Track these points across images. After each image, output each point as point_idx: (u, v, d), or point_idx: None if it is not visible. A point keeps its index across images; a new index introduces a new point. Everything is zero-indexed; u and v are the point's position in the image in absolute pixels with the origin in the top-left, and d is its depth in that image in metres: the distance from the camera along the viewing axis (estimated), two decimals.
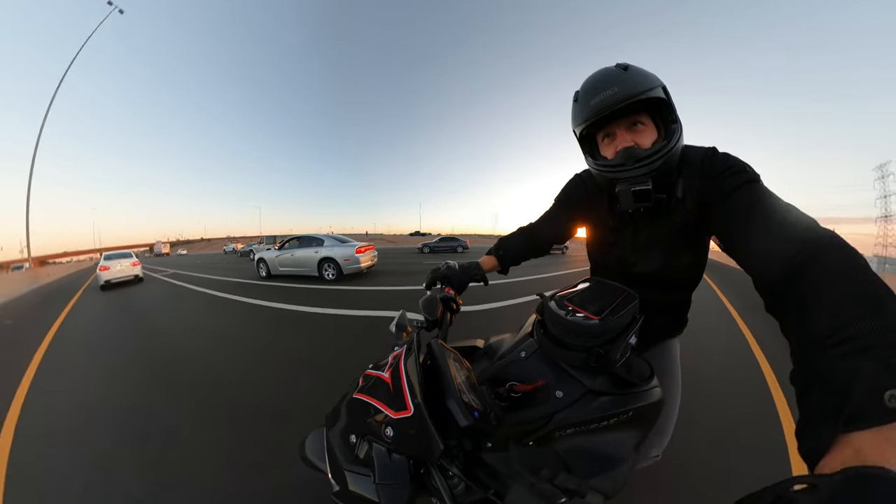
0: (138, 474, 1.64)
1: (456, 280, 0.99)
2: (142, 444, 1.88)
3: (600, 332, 0.58)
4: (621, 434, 0.61)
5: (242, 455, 1.74)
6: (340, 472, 0.61)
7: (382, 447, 0.55)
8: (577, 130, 0.83)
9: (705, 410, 2.01)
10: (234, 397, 2.36)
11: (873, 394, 0.34)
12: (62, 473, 1.68)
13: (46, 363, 3.37)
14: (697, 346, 3.15)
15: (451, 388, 0.55)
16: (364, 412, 0.61)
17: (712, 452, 1.67)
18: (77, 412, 2.29)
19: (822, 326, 0.42)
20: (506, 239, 1.13)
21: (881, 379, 0.34)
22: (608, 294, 0.68)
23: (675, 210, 0.76)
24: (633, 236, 0.87)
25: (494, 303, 5.02)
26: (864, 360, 0.36)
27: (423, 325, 0.83)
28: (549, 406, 0.61)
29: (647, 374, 0.66)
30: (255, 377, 2.70)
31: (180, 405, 2.30)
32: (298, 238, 9.29)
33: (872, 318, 0.38)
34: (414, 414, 0.53)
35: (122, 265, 10.14)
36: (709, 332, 3.73)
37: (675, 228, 0.79)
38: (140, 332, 4.34)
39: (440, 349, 0.64)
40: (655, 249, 0.84)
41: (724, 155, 0.72)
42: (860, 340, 0.37)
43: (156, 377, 2.81)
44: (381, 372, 0.65)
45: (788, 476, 0.32)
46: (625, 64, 0.74)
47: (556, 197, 1.05)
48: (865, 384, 0.35)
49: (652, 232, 0.83)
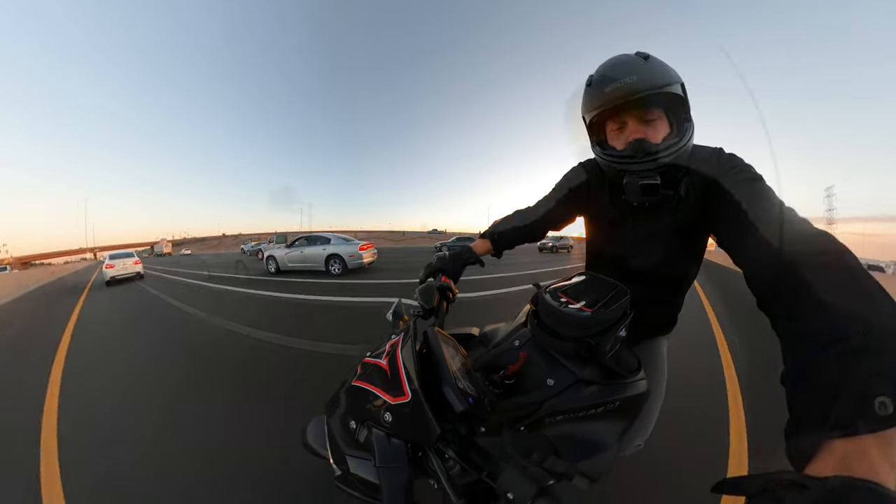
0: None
1: (450, 268, 0.98)
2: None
3: (592, 323, 0.60)
4: (608, 422, 0.64)
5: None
6: (342, 457, 0.63)
7: (381, 432, 0.57)
8: (587, 117, 0.81)
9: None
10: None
11: (864, 400, 0.33)
12: None
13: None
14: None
15: (447, 374, 0.57)
16: (363, 399, 0.62)
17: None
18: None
19: (813, 326, 0.41)
20: (500, 222, 1.10)
21: (871, 384, 0.33)
22: (601, 288, 0.70)
23: (678, 208, 0.76)
24: (632, 231, 0.87)
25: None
26: (855, 364, 0.35)
27: (419, 313, 0.84)
28: (541, 393, 0.63)
29: (635, 367, 0.69)
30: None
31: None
32: (307, 237, 10.61)
33: (865, 319, 0.37)
34: (411, 400, 0.54)
35: (125, 264, 11.66)
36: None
37: (675, 226, 0.79)
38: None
39: (436, 337, 0.66)
40: (653, 245, 0.84)
41: (730, 155, 0.71)
42: (851, 342, 0.36)
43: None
44: (379, 360, 0.66)
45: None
46: (645, 53, 0.71)
47: (557, 184, 1.02)
48: (856, 389, 0.34)
49: (651, 228, 0.83)
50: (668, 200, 0.75)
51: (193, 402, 2.32)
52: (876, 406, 0.32)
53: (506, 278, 6.91)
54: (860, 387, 0.34)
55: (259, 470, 1.60)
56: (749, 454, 1.64)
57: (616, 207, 0.87)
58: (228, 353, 3.29)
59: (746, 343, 3.21)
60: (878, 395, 0.32)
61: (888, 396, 0.32)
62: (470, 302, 5.00)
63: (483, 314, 4.31)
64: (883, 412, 0.32)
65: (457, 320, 0.91)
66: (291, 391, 2.40)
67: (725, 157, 0.71)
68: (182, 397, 2.40)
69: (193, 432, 1.95)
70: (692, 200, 0.74)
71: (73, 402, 2.43)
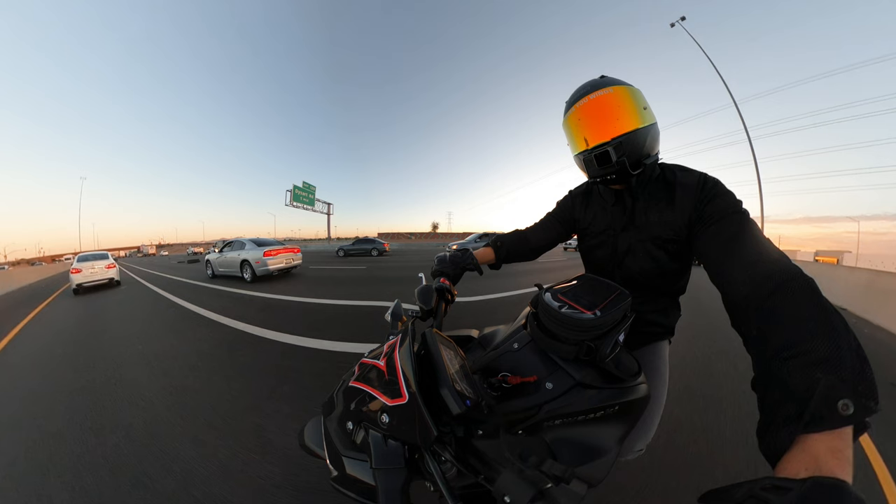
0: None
1: (450, 271, 1.03)
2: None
3: (592, 326, 0.60)
4: (607, 427, 0.63)
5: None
6: (338, 458, 0.63)
7: (378, 433, 0.56)
8: (575, 150, 0.92)
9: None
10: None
11: (828, 401, 0.39)
12: None
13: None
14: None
15: (445, 376, 0.56)
16: (360, 400, 0.62)
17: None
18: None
19: (781, 341, 0.48)
20: (504, 236, 1.21)
21: (835, 389, 0.40)
22: (602, 290, 0.70)
23: (667, 225, 0.83)
24: (618, 240, 0.94)
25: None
26: (820, 373, 0.42)
27: (417, 314, 0.83)
28: (539, 396, 0.63)
29: (635, 371, 0.68)
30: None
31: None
32: (230, 242, 10.27)
33: (827, 337, 0.45)
34: (408, 401, 0.54)
35: (95, 267, 9.61)
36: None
37: (658, 237, 0.86)
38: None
39: (434, 338, 0.65)
40: (639, 255, 0.91)
41: (714, 181, 0.79)
42: (816, 354, 0.44)
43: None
44: (377, 360, 0.66)
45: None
46: (604, 76, 0.83)
47: (551, 211, 1.18)
48: (823, 393, 0.40)
49: (635, 237, 0.90)
50: (646, 207, 0.86)
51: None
52: (839, 407, 0.39)
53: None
54: (826, 391, 0.40)
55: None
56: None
57: (600, 220, 0.99)
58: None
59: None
60: (840, 398, 0.39)
61: (849, 399, 0.39)
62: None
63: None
64: (845, 412, 0.38)
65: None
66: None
67: (710, 182, 0.79)
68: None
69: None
70: (680, 219, 0.81)
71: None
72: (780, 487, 0.34)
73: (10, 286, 12.70)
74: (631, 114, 0.77)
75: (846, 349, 0.43)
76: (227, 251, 9.96)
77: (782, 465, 0.39)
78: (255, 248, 9.21)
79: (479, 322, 1.91)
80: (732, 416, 2.00)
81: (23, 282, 13.98)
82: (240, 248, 9.54)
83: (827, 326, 0.46)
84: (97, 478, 1.61)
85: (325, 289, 6.96)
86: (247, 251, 9.18)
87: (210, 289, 7.82)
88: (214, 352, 3.34)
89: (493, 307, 4.84)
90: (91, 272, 9.52)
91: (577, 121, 0.83)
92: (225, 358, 3.13)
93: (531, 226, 1.21)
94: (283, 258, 9.52)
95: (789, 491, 0.34)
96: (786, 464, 0.39)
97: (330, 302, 5.49)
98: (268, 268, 8.90)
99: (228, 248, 10.05)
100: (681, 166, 0.87)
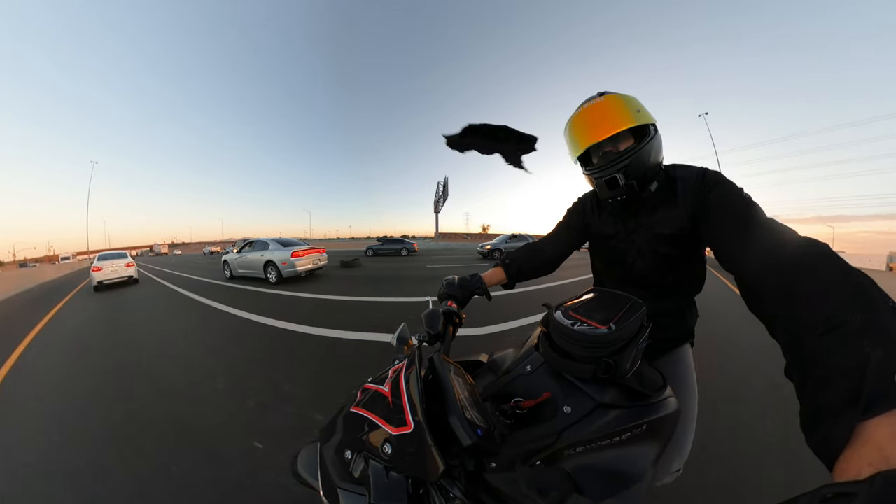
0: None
1: (458, 294, 1.00)
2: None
3: (608, 341, 0.56)
4: (636, 449, 0.57)
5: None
6: (332, 490, 0.59)
7: (379, 465, 0.53)
8: (573, 157, 0.96)
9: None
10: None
11: (885, 375, 0.33)
12: None
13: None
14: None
15: (454, 404, 0.53)
16: (361, 427, 0.59)
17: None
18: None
19: (810, 318, 0.42)
20: (514, 253, 1.16)
21: (890, 359, 0.34)
22: (614, 303, 0.66)
23: (671, 220, 0.85)
24: (628, 242, 0.95)
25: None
26: (866, 341, 0.36)
27: (424, 338, 0.81)
28: (557, 422, 0.58)
29: (661, 384, 0.63)
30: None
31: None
32: (251, 242, 9.72)
33: (861, 303, 0.39)
34: (414, 431, 0.51)
35: (115, 266, 9.92)
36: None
37: (666, 236, 0.87)
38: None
39: (442, 364, 0.62)
40: (649, 256, 0.91)
41: (714, 173, 0.81)
42: (855, 323, 0.38)
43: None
44: (381, 386, 0.63)
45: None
46: (603, 91, 0.86)
47: (562, 219, 1.16)
48: (874, 366, 0.34)
49: (644, 237, 0.91)
50: (652, 207, 0.88)
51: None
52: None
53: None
54: (879, 364, 0.34)
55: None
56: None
57: (609, 224, 1.00)
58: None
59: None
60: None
61: None
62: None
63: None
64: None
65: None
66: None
67: (711, 174, 0.81)
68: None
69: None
70: (684, 214, 0.82)
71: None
72: (843, 494, 0.28)
73: None
74: (622, 115, 0.80)
75: (885, 311, 0.38)
76: (248, 252, 9.38)
77: (841, 464, 0.33)
78: (280, 248, 8.71)
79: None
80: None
81: None
82: (263, 248, 8.97)
83: (857, 289, 0.41)
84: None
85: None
86: (271, 252, 8.65)
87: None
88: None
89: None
90: (111, 270, 9.83)
91: (572, 129, 0.89)
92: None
93: (543, 237, 1.18)
94: (310, 259, 9.12)
95: (854, 497, 0.28)
96: (845, 463, 0.32)
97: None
98: (295, 269, 8.42)
99: (249, 249, 9.47)
100: (682, 164, 0.89)
